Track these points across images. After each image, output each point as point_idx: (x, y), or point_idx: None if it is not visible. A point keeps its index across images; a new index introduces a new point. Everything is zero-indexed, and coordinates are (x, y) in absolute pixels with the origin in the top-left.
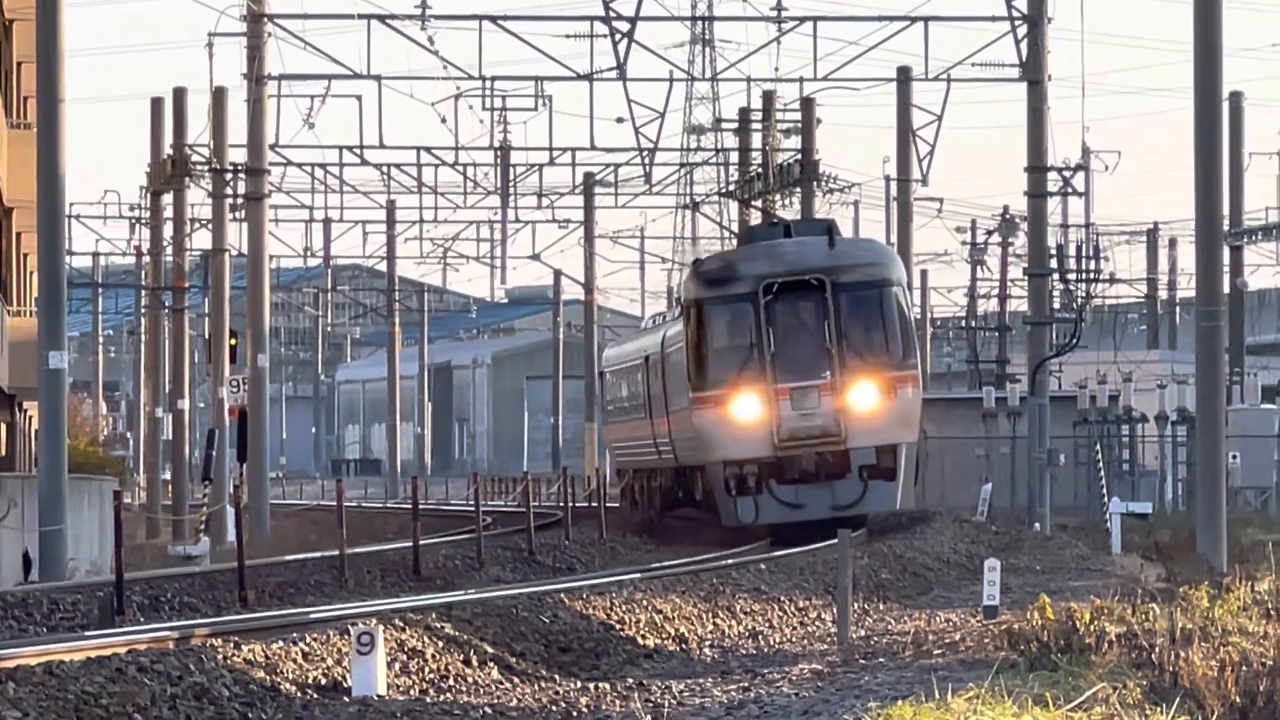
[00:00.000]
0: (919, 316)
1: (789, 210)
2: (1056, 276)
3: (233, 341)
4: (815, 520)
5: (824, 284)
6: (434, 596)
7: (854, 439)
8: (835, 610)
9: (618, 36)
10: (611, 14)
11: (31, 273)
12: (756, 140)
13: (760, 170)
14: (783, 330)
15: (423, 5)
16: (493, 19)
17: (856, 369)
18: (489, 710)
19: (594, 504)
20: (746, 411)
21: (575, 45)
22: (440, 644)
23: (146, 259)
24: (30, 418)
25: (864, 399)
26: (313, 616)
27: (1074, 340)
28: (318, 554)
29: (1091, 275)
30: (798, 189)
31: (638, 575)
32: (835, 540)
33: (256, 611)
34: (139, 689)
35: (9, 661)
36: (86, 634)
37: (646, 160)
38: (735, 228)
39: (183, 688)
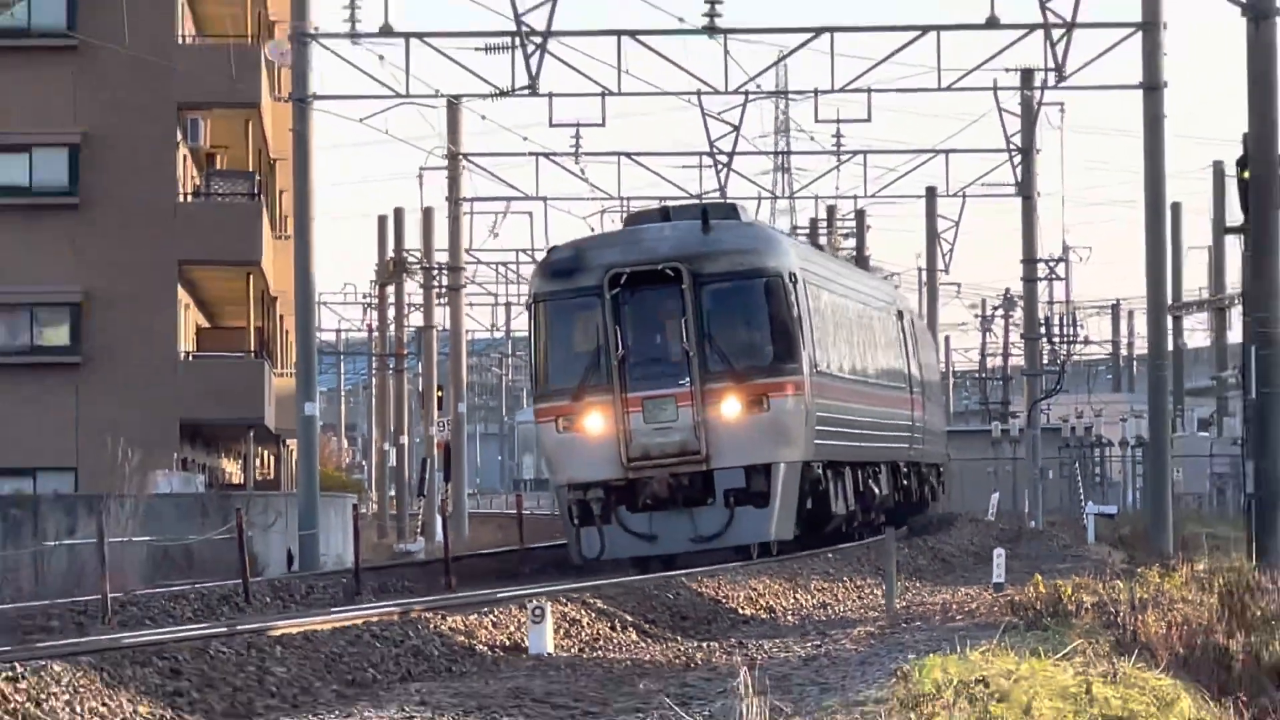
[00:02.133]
0: (944, 369)
1: None
2: (1045, 340)
3: (439, 393)
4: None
5: (680, 274)
6: (589, 580)
7: (718, 457)
8: (884, 587)
9: (720, 166)
10: (716, 150)
11: (290, 344)
12: (823, 242)
13: None
14: (635, 329)
15: (577, 144)
16: (628, 155)
17: (722, 374)
18: (629, 663)
19: None
20: (591, 426)
21: (688, 173)
22: (593, 615)
23: (375, 334)
24: (290, 451)
25: (730, 410)
26: (499, 595)
27: (1058, 386)
28: (503, 549)
29: (1070, 338)
30: None
31: (738, 564)
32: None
33: (458, 592)
34: (372, 650)
35: (276, 630)
36: (333, 609)
37: None
38: None
39: (404, 649)
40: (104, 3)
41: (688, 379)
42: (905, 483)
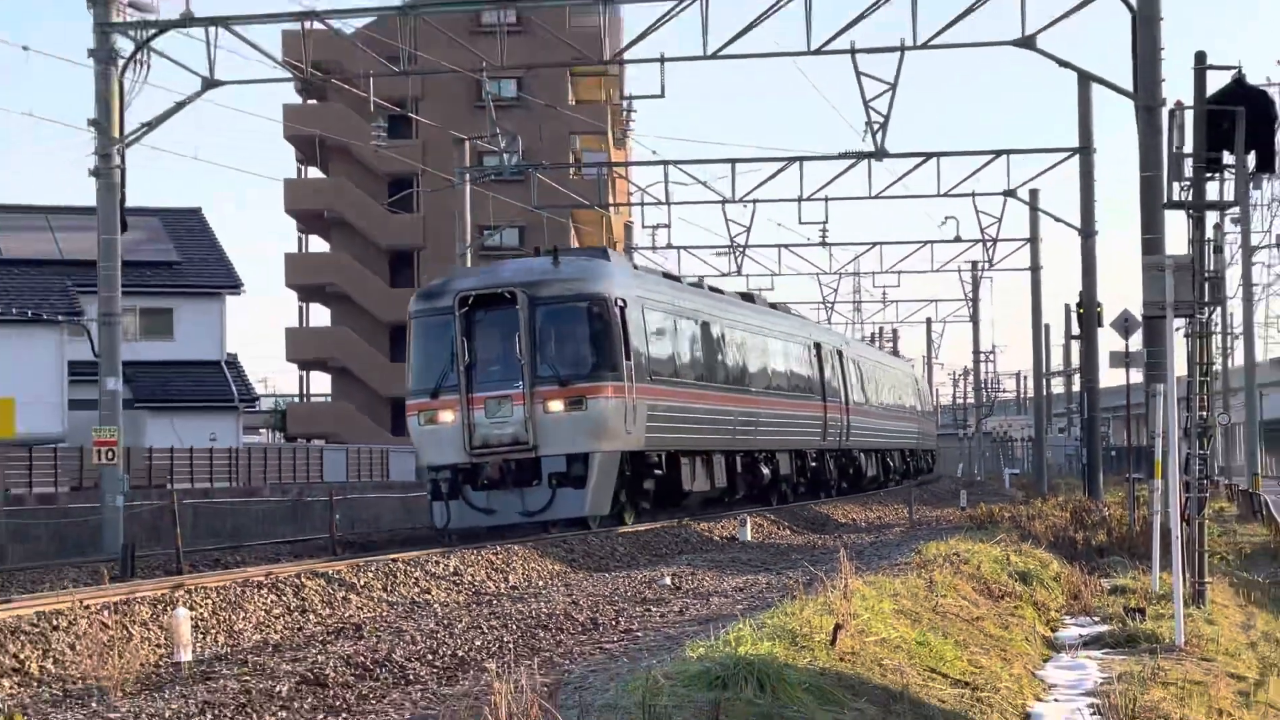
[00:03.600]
0: (938, 401)
1: None
2: (984, 390)
3: None
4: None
5: (515, 296)
6: (769, 507)
7: (544, 447)
8: (907, 509)
9: (828, 309)
10: (826, 301)
11: None
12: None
13: None
14: (480, 342)
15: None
16: (786, 304)
17: (549, 379)
18: (787, 544)
19: None
20: (444, 419)
21: (812, 313)
22: (769, 522)
23: None
24: None
25: (554, 408)
26: (723, 515)
27: (990, 412)
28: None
29: (995, 389)
30: None
31: (838, 498)
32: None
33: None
34: (662, 539)
35: (618, 531)
36: (642, 522)
37: None
38: None
39: (677, 539)
40: (537, 234)
41: (521, 383)
42: (815, 464)
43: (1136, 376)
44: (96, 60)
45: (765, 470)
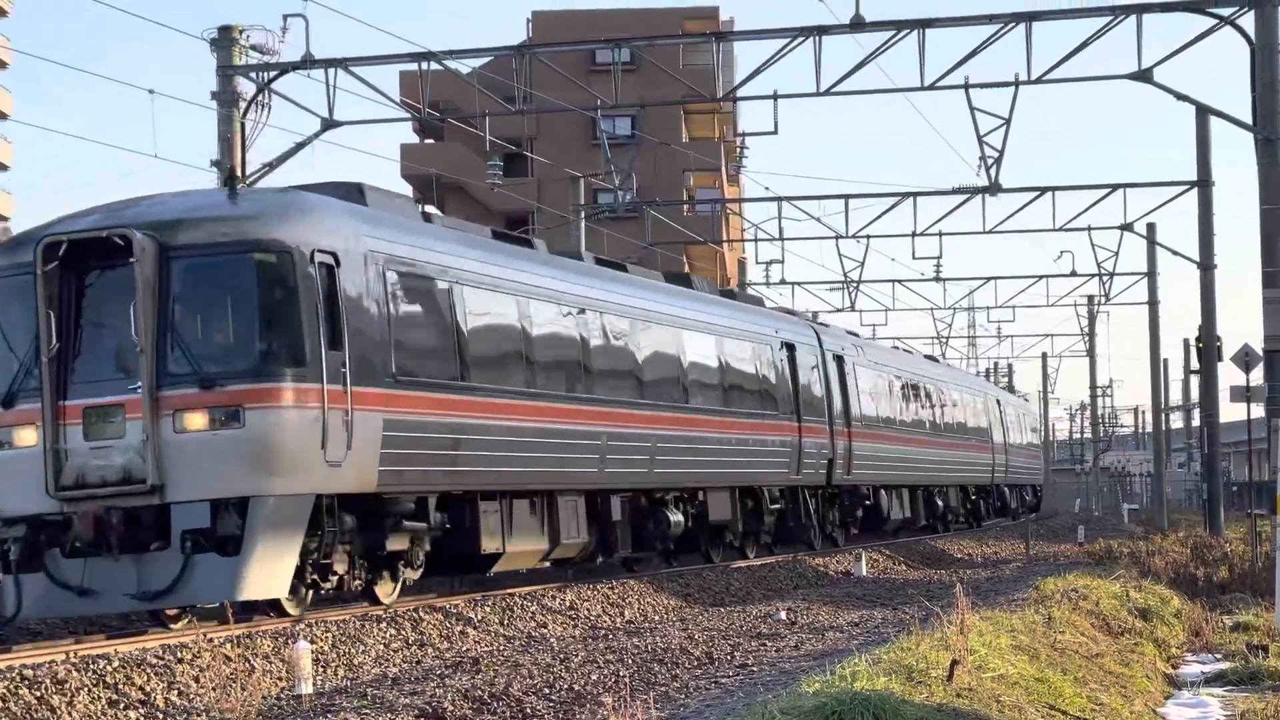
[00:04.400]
0: (1047, 431)
1: None
2: (1101, 424)
3: None
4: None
5: (131, 244)
6: (884, 541)
7: (175, 487)
8: (1024, 544)
9: (942, 343)
10: (940, 335)
11: None
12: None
13: None
14: (83, 317)
15: (873, 333)
16: (899, 338)
17: (185, 379)
18: (903, 580)
19: None
20: (21, 441)
21: (926, 346)
22: (885, 557)
23: None
24: None
25: (193, 425)
26: (838, 550)
27: (1108, 446)
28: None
29: (1113, 424)
30: None
31: (952, 534)
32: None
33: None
34: (778, 574)
35: (733, 565)
36: (756, 557)
37: None
38: None
39: (794, 573)
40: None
41: (140, 383)
42: (780, 506)
43: (1258, 411)
44: (219, 102)
45: (675, 516)
